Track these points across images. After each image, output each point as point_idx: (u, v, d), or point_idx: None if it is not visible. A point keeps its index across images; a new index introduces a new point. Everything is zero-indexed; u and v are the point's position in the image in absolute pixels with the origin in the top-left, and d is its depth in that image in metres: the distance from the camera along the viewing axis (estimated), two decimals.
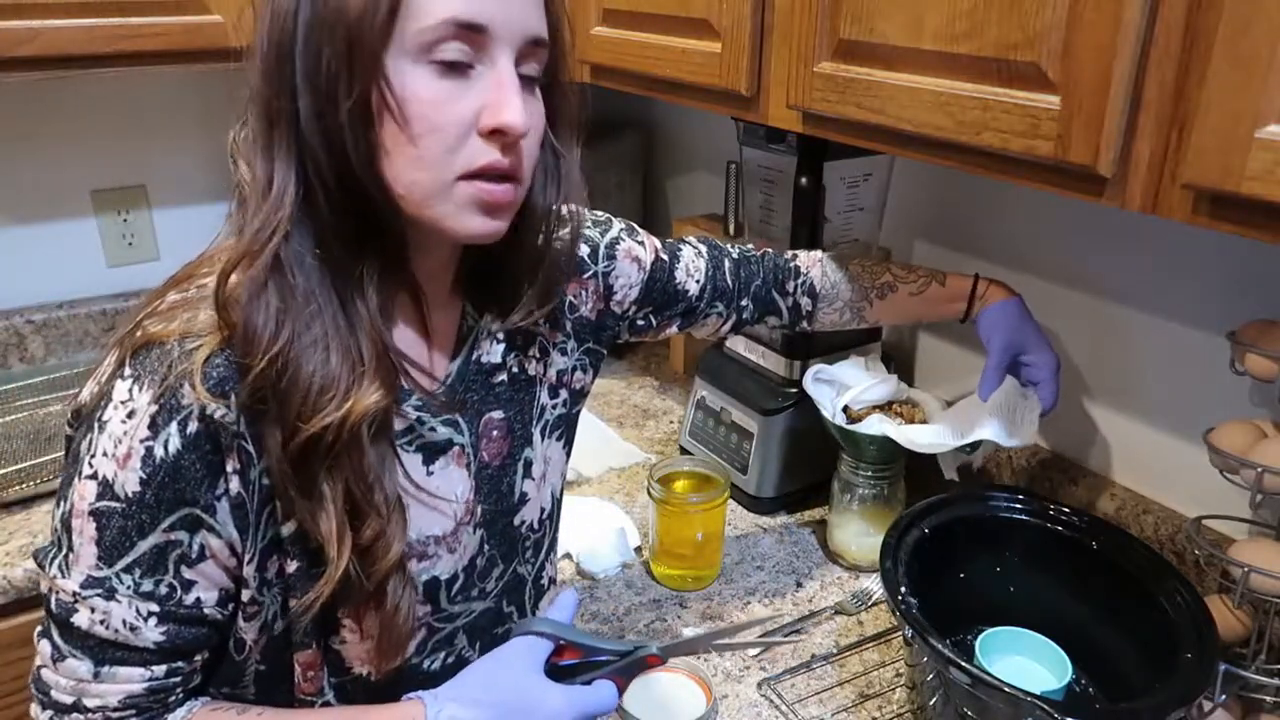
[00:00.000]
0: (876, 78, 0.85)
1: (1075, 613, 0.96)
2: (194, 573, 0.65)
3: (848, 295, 1.07)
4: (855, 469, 1.16)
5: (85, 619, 0.64)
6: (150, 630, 0.65)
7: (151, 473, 0.62)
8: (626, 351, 1.80)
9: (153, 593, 0.64)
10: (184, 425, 0.62)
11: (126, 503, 0.62)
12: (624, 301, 0.92)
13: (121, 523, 0.62)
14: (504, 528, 0.82)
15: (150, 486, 0.62)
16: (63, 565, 0.64)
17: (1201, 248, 0.99)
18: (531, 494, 0.84)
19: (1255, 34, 0.57)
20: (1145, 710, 0.78)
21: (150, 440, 0.61)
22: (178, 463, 0.62)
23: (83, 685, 0.66)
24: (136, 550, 0.63)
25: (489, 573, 0.81)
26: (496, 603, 0.83)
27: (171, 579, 0.65)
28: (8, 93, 1.47)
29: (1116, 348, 1.11)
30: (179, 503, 0.63)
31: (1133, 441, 1.11)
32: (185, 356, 0.62)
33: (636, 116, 1.86)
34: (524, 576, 0.86)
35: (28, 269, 1.58)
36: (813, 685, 0.99)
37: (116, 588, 0.63)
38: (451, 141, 0.62)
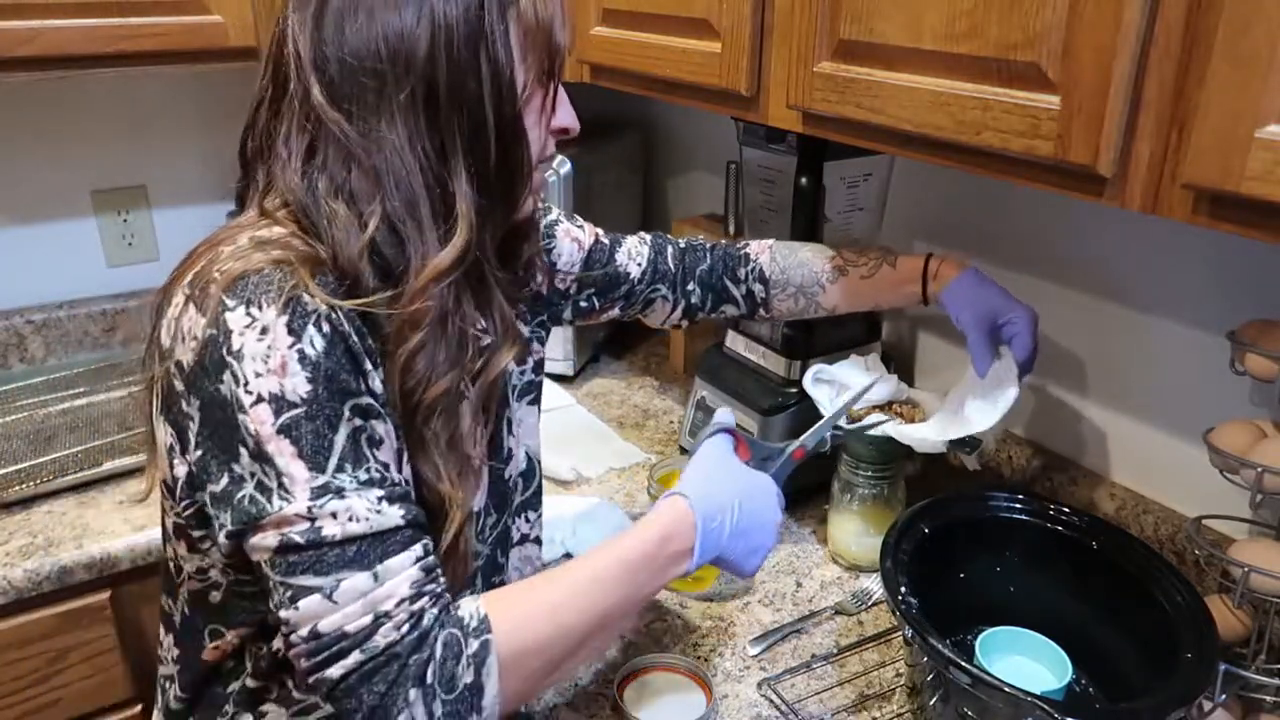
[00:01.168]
0: (876, 78, 0.85)
1: (1075, 613, 0.96)
2: (385, 453, 0.67)
3: (799, 280, 1.08)
4: (855, 469, 1.16)
5: (335, 527, 0.64)
6: (392, 510, 0.66)
7: (313, 370, 0.64)
8: (626, 351, 1.80)
9: (370, 479, 0.66)
10: (319, 325, 0.65)
11: (306, 404, 0.64)
12: (566, 279, 1.02)
13: (311, 425, 0.64)
14: (496, 480, 0.87)
15: (318, 382, 0.64)
16: (282, 494, 0.64)
17: (1201, 248, 0.99)
18: (516, 451, 0.91)
19: (1255, 34, 0.57)
20: (1145, 710, 0.78)
21: (297, 343, 0.64)
22: (329, 356, 0.64)
23: (371, 595, 0.64)
24: (337, 446, 0.65)
25: (486, 519, 0.86)
26: (492, 550, 0.88)
27: (375, 465, 0.66)
28: (8, 93, 1.47)
29: (1116, 347, 1.11)
30: (346, 394, 0.65)
31: (1133, 441, 1.11)
32: (290, 275, 0.65)
33: (636, 116, 1.86)
34: (509, 529, 0.91)
35: (28, 269, 1.58)
36: (813, 685, 0.99)
37: (344, 486, 0.64)
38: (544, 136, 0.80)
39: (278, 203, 0.71)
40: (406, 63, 0.68)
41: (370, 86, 0.68)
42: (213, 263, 0.68)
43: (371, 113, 0.69)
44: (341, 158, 0.69)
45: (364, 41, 0.68)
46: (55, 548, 1.14)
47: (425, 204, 0.70)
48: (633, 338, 1.85)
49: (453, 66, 0.69)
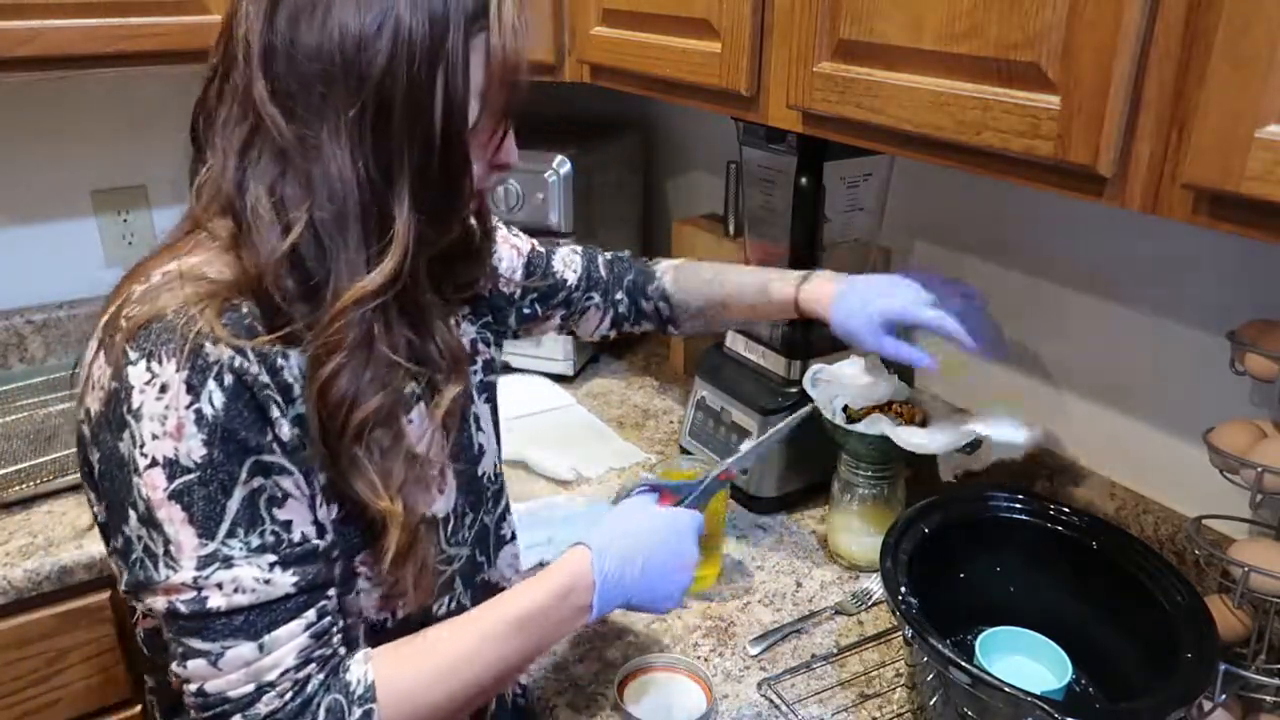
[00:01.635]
0: (876, 78, 0.85)
1: (1075, 613, 0.96)
2: (286, 511, 0.66)
3: (699, 303, 1.09)
4: (855, 469, 1.16)
5: (220, 598, 0.63)
6: (282, 578, 0.65)
7: (210, 432, 0.62)
8: (626, 351, 1.80)
9: (263, 544, 0.64)
10: (220, 380, 0.62)
11: (200, 469, 0.62)
12: (510, 284, 1.01)
13: (204, 491, 0.62)
14: (470, 478, 0.86)
15: (214, 444, 0.62)
16: (168, 563, 0.63)
17: (1201, 247, 0.99)
18: (486, 446, 0.90)
19: (1255, 34, 0.57)
20: (1145, 710, 0.78)
21: (195, 403, 0.62)
22: (228, 414, 0.63)
23: (255, 665, 0.65)
24: (230, 511, 0.63)
25: (463, 519, 0.85)
26: (472, 550, 0.87)
27: (272, 525, 0.65)
28: (8, 93, 1.47)
29: (1116, 348, 1.11)
30: (245, 452, 0.64)
31: (1133, 441, 1.11)
32: (193, 321, 0.63)
33: (636, 116, 1.86)
34: (488, 526, 0.90)
35: (28, 269, 1.58)
36: (813, 685, 0.99)
37: (231, 554, 0.63)
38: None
39: (211, 206, 0.68)
40: (360, 74, 0.64)
41: (317, 91, 0.65)
42: (124, 304, 0.66)
43: (315, 117, 0.65)
44: (275, 157, 0.66)
45: (317, 42, 0.64)
46: (55, 548, 1.14)
47: (358, 222, 0.66)
48: (633, 338, 1.84)
49: (411, 85, 0.65)
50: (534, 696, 0.98)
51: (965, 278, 1.27)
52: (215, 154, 0.68)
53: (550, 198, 1.53)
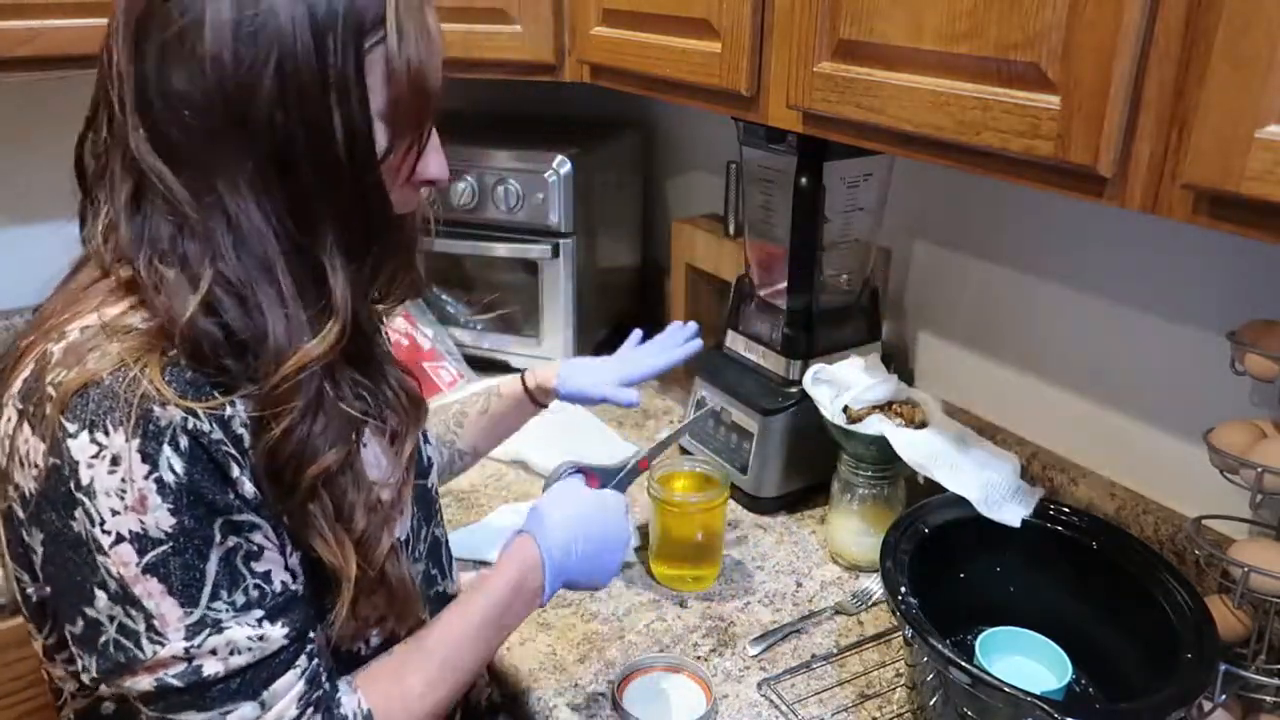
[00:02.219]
0: (876, 78, 0.85)
1: (1075, 613, 0.96)
2: (263, 563, 0.64)
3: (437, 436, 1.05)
4: (855, 469, 1.16)
5: (216, 664, 0.61)
6: (274, 631, 0.63)
7: (176, 500, 0.59)
8: None
9: (248, 601, 0.62)
10: (176, 444, 0.59)
11: (172, 539, 0.59)
12: None
13: (179, 560, 0.59)
14: (421, 491, 0.84)
15: (182, 511, 0.59)
16: (152, 638, 0.60)
17: (1201, 248, 0.99)
18: (435, 459, 0.90)
19: (1255, 34, 0.57)
20: (1145, 710, 0.78)
21: (154, 472, 0.58)
22: (191, 479, 0.59)
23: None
24: (209, 575, 0.61)
25: (418, 535, 0.83)
26: (426, 566, 0.85)
27: (253, 581, 0.63)
28: (8, 93, 1.47)
29: (1116, 348, 1.11)
30: (214, 513, 0.61)
31: (1133, 441, 1.11)
32: (134, 384, 0.58)
33: (636, 116, 1.86)
34: (439, 539, 0.88)
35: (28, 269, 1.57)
36: (813, 685, 0.99)
37: (219, 618, 0.61)
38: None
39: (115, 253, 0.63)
40: (247, 117, 0.59)
41: (201, 140, 0.60)
42: (44, 368, 0.60)
43: (205, 169, 0.60)
44: (168, 213, 0.61)
45: (191, 85, 0.59)
46: None
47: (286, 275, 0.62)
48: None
49: (306, 122, 0.59)
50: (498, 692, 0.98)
51: (965, 277, 1.27)
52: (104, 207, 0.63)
53: (550, 198, 1.53)
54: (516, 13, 1.29)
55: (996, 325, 1.25)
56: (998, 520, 0.99)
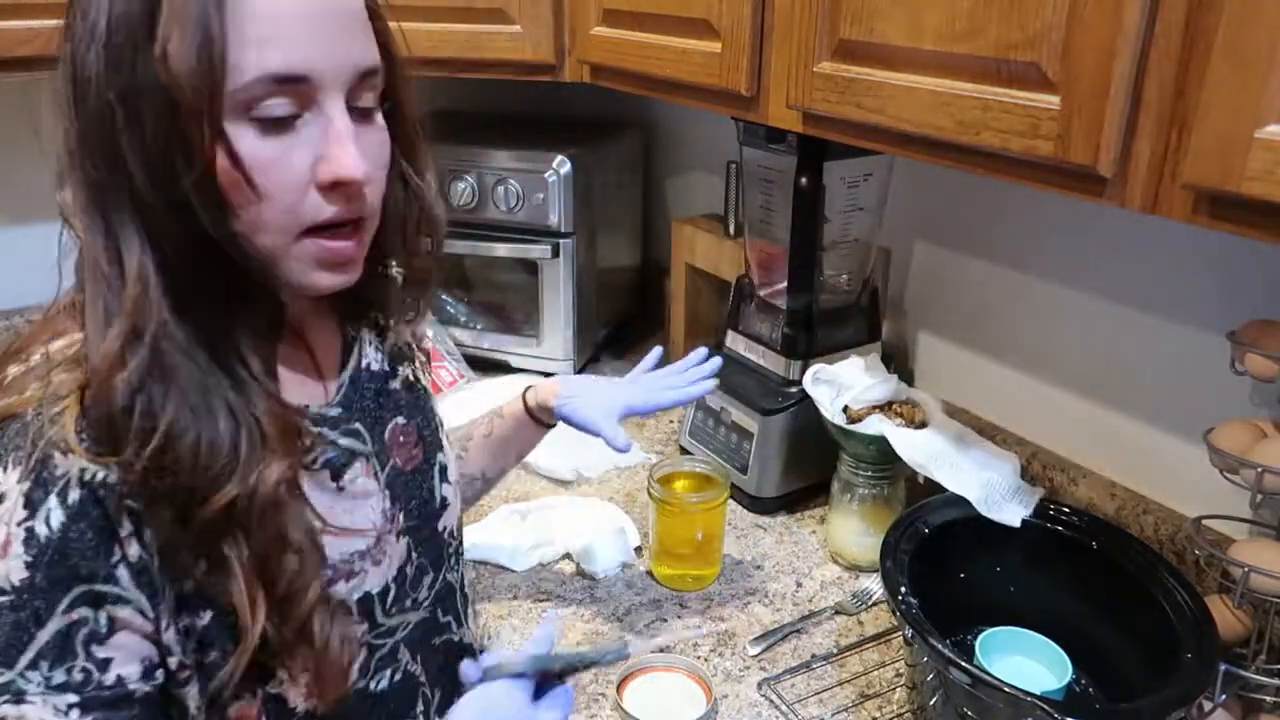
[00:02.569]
0: (876, 78, 0.85)
1: (1075, 613, 0.96)
2: (108, 649, 0.58)
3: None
4: (855, 469, 1.16)
5: None
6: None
7: (37, 555, 0.56)
8: (626, 351, 1.80)
9: (67, 683, 0.57)
10: (64, 496, 0.56)
11: (15, 593, 0.56)
12: None
13: (13, 616, 0.56)
14: (430, 534, 0.79)
15: (39, 569, 0.56)
16: None
17: (1201, 248, 0.99)
18: (451, 499, 0.83)
19: (1255, 34, 0.57)
20: (1145, 710, 0.79)
21: (29, 520, 0.56)
22: (64, 537, 0.56)
23: None
24: (37, 642, 0.56)
25: (419, 581, 0.78)
26: (430, 612, 0.80)
27: (85, 663, 0.58)
28: (8, 93, 1.47)
29: (1116, 348, 1.11)
30: (74, 580, 0.57)
31: (1133, 441, 1.11)
32: (50, 423, 0.56)
33: (636, 116, 1.86)
34: (453, 584, 0.83)
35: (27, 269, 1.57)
36: (813, 685, 0.99)
37: (25, 689, 0.56)
38: (290, 201, 0.59)
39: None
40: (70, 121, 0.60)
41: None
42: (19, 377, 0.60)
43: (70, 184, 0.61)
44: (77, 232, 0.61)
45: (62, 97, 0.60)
46: None
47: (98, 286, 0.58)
48: (633, 337, 1.84)
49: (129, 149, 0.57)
50: None
51: (965, 277, 1.27)
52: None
53: (550, 198, 1.53)
54: (516, 13, 1.29)
55: (996, 325, 1.25)
56: (998, 520, 0.99)
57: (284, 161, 0.58)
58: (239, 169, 0.57)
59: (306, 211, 0.60)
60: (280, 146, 0.58)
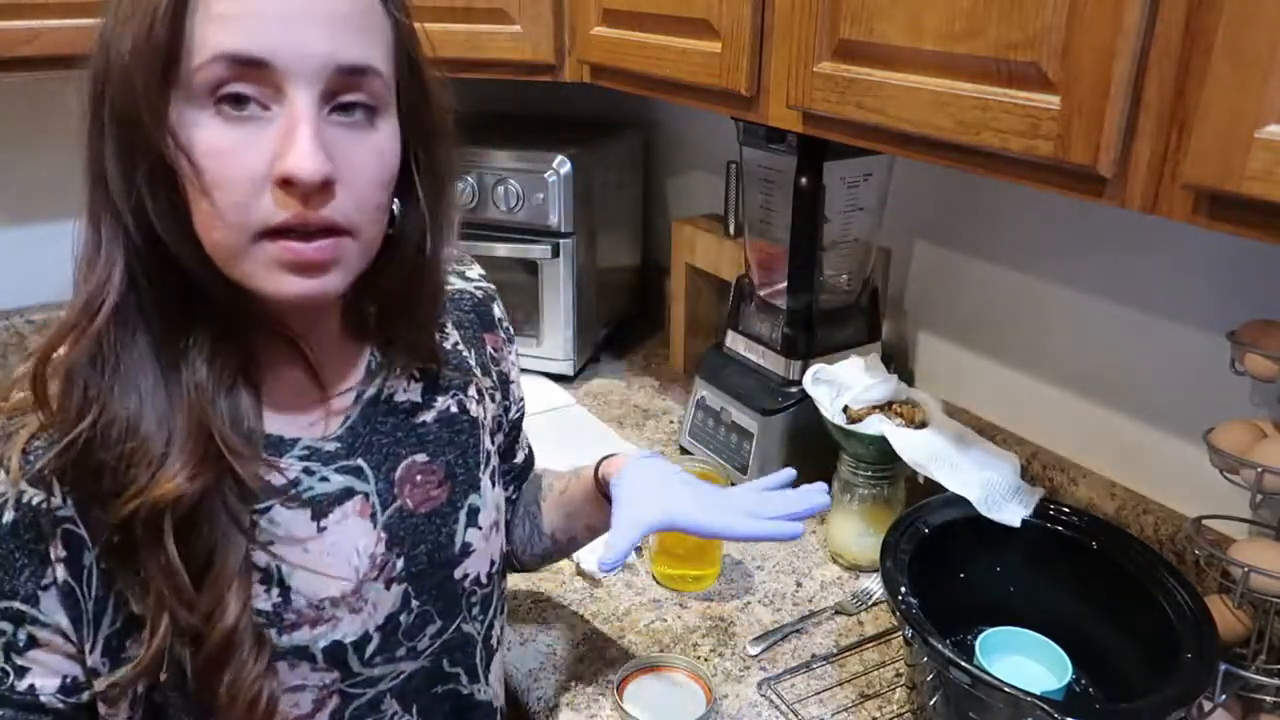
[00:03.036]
0: (876, 78, 0.85)
1: (1075, 613, 0.96)
2: (25, 660, 0.60)
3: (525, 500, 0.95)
4: (855, 469, 1.16)
5: None
6: None
7: None
8: (626, 351, 1.80)
9: None
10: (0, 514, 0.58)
11: None
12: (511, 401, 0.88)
13: None
14: (441, 582, 0.74)
15: None
16: None
17: (1201, 248, 0.99)
18: (478, 545, 0.76)
19: (1255, 34, 0.57)
20: (1145, 710, 0.78)
21: None
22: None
23: None
24: None
25: (420, 630, 0.73)
26: (434, 661, 0.75)
27: (2, 663, 0.60)
28: (8, 93, 1.47)
29: (1116, 348, 1.11)
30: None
31: (1133, 441, 1.11)
32: (4, 440, 0.58)
33: (636, 116, 1.86)
34: (471, 635, 0.77)
35: (28, 269, 1.58)
36: (813, 685, 0.99)
37: None
38: (242, 195, 0.55)
39: None
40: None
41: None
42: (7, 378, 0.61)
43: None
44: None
45: None
46: None
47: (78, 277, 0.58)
48: (633, 338, 1.85)
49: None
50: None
51: (965, 277, 1.27)
52: None
53: (550, 198, 1.53)
54: (516, 13, 1.29)
55: (996, 325, 1.25)
56: (998, 520, 0.99)
57: (239, 152, 0.54)
58: (188, 156, 0.54)
59: (259, 211, 0.55)
60: (239, 137, 0.54)
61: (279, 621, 0.65)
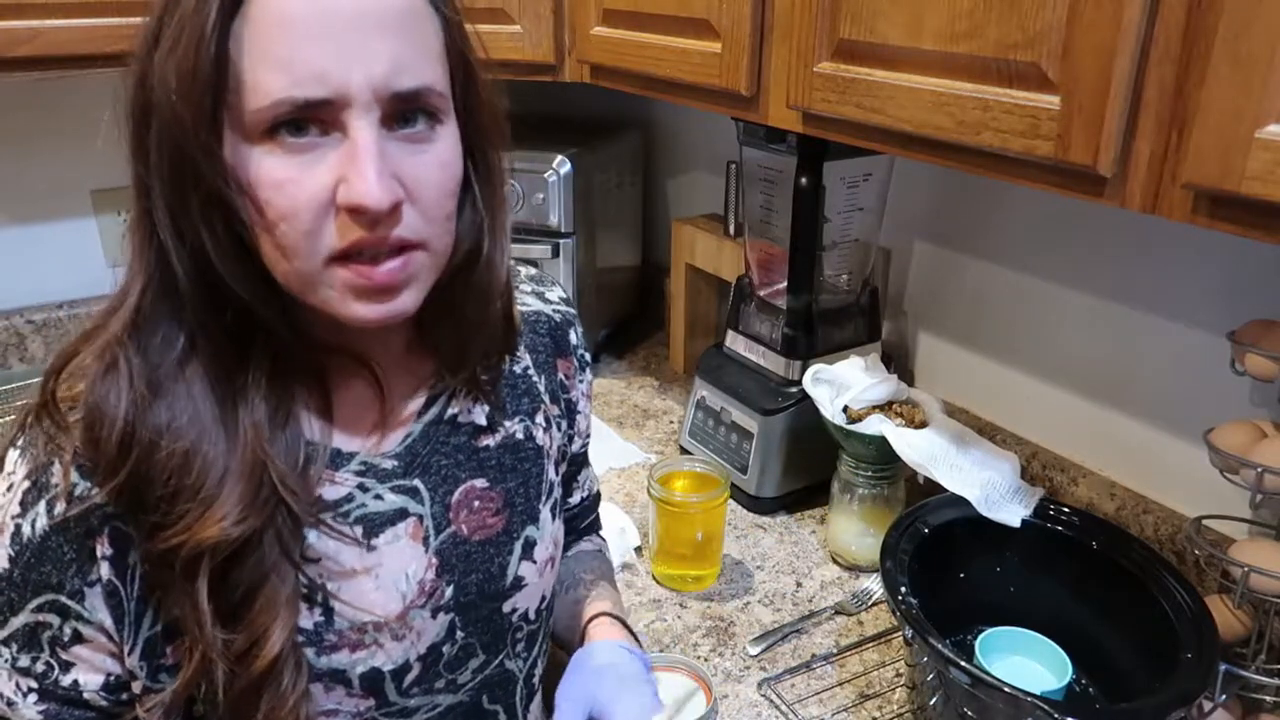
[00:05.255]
0: (876, 78, 0.85)
1: (1075, 613, 0.96)
2: (70, 655, 0.60)
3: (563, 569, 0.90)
4: (855, 469, 1.16)
5: None
6: (28, 707, 0.59)
7: (18, 551, 0.57)
8: (626, 351, 1.80)
9: (29, 669, 0.59)
10: (51, 506, 0.57)
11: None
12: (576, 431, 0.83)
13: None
14: (489, 614, 0.71)
15: (17, 565, 0.58)
16: None
17: (1201, 248, 0.99)
18: (530, 579, 0.73)
19: (1255, 34, 0.57)
20: (1145, 710, 0.79)
21: (19, 517, 0.57)
22: (43, 545, 0.57)
23: None
24: (10, 625, 0.59)
25: (462, 664, 0.70)
26: (473, 697, 0.72)
27: (48, 658, 0.59)
28: (8, 93, 1.47)
29: (1117, 348, 1.11)
30: (43, 587, 0.58)
31: (1133, 441, 1.11)
32: (63, 431, 0.57)
33: (636, 116, 1.86)
34: (513, 673, 0.74)
35: (28, 269, 1.58)
36: (813, 685, 0.99)
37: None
38: (310, 224, 0.54)
39: None
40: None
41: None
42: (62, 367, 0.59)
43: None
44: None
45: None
46: None
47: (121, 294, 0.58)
48: (633, 337, 1.85)
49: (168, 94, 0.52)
50: None
51: (965, 277, 1.27)
52: None
53: (550, 198, 1.53)
54: (516, 13, 1.29)
55: (996, 325, 1.25)
56: (997, 520, 0.99)
57: (303, 181, 0.53)
58: (250, 194, 0.53)
59: (328, 236, 0.54)
60: (300, 164, 0.53)
61: (318, 642, 0.63)
